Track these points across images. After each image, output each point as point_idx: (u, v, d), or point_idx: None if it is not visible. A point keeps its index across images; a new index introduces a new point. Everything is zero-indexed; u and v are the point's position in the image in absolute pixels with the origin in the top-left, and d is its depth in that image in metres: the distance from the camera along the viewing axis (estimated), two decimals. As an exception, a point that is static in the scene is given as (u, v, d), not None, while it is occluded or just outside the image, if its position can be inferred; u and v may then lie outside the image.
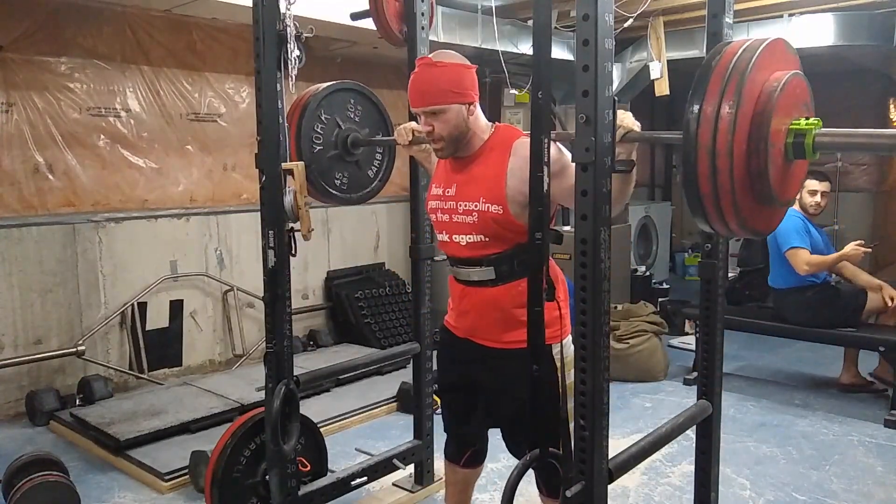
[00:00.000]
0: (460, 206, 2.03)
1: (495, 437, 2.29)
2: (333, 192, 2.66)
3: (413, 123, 2.30)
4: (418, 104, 2.00)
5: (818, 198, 3.92)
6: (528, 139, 1.68)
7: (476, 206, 1.98)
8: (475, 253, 2.03)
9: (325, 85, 2.62)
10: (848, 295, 3.99)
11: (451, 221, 2.06)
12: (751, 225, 1.40)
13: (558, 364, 1.97)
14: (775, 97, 1.34)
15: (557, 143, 1.90)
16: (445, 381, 2.32)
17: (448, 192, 2.07)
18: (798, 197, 4.04)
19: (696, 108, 1.34)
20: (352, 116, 2.70)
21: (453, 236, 2.06)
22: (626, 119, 1.67)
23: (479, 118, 2.05)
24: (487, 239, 2.00)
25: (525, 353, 1.73)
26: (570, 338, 1.93)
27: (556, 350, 1.95)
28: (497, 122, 2.12)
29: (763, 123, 1.33)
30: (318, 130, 2.58)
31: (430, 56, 2.01)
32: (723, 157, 1.30)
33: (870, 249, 3.89)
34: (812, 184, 3.95)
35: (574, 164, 1.52)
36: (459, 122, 1.98)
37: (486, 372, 2.12)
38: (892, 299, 3.80)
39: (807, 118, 1.37)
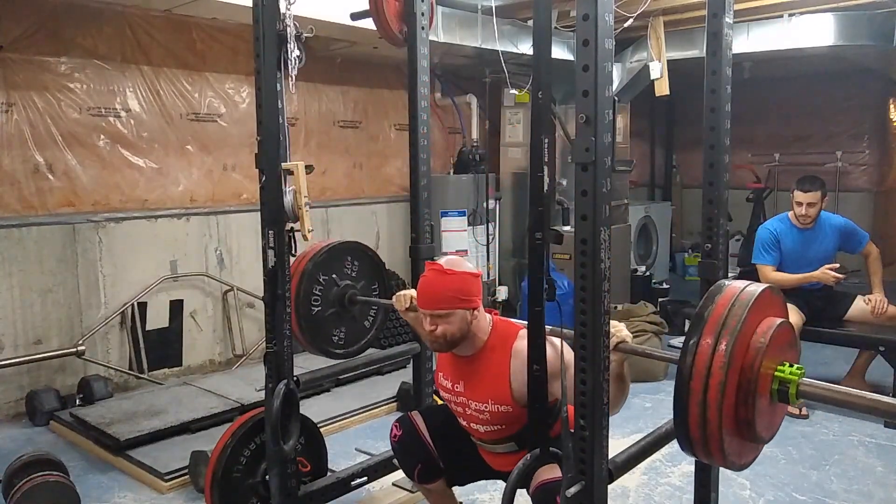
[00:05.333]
0: (471, 404, 2.15)
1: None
2: (332, 349, 2.77)
3: (412, 291, 2.34)
4: (426, 306, 2.09)
5: (803, 209, 3.91)
6: (525, 340, 1.80)
7: (486, 406, 2.11)
8: (495, 436, 2.17)
9: (323, 245, 2.69)
10: (835, 300, 4.00)
11: (465, 413, 2.20)
12: (738, 462, 1.48)
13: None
14: (763, 352, 1.42)
15: (554, 342, 1.83)
16: (438, 422, 2.35)
17: (457, 387, 2.20)
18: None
19: (688, 361, 1.41)
20: (348, 273, 2.78)
21: (471, 424, 2.20)
22: (622, 331, 1.72)
23: (481, 320, 2.13)
24: (503, 426, 2.13)
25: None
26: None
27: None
28: (493, 315, 2.19)
29: (752, 379, 1.41)
30: (317, 292, 2.66)
31: (440, 263, 2.09)
32: (713, 410, 1.37)
33: (842, 277, 3.88)
34: (797, 195, 3.94)
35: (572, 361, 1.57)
36: (463, 325, 2.07)
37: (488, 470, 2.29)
38: (873, 310, 3.88)
39: (790, 364, 1.45)
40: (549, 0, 1.60)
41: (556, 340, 1.80)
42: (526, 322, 1.85)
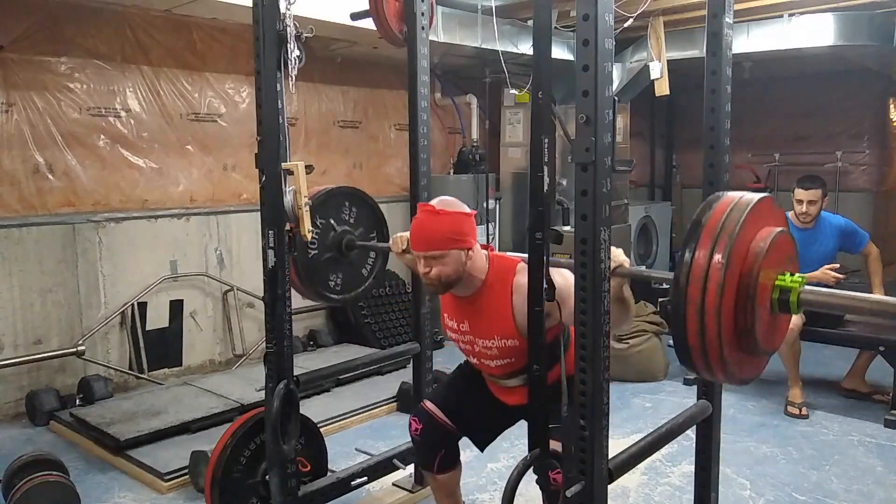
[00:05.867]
0: (479, 341, 2.16)
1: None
2: (328, 294, 2.74)
3: (408, 234, 2.33)
4: (420, 248, 2.07)
5: (803, 207, 3.91)
6: (524, 275, 1.78)
7: (493, 342, 2.13)
8: (507, 370, 2.19)
9: (320, 189, 2.68)
10: None
11: (474, 350, 2.21)
12: (738, 375, 1.43)
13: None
14: (762, 258, 1.37)
15: (558, 272, 1.82)
16: (453, 389, 2.38)
17: (462, 327, 2.21)
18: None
19: (685, 267, 1.36)
20: (346, 218, 2.77)
21: (482, 360, 2.22)
22: (619, 255, 1.74)
23: (477, 260, 2.11)
24: (513, 360, 2.14)
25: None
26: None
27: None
28: (489, 251, 2.18)
29: (751, 284, 1.36)
30: (314, 235, 2.64)
31: (432, 203, 2.08)
32: (711, 315, 1.31)
33: (842, 277, 3.87)
34: (798, 193, 3.94)
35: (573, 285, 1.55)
36: (458, 266, 2.06)
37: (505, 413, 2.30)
38: None
39: (791, 274, 1.40)
40: (549, 0, 1.59)
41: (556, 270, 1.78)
42: (523, 255, 1.84)
